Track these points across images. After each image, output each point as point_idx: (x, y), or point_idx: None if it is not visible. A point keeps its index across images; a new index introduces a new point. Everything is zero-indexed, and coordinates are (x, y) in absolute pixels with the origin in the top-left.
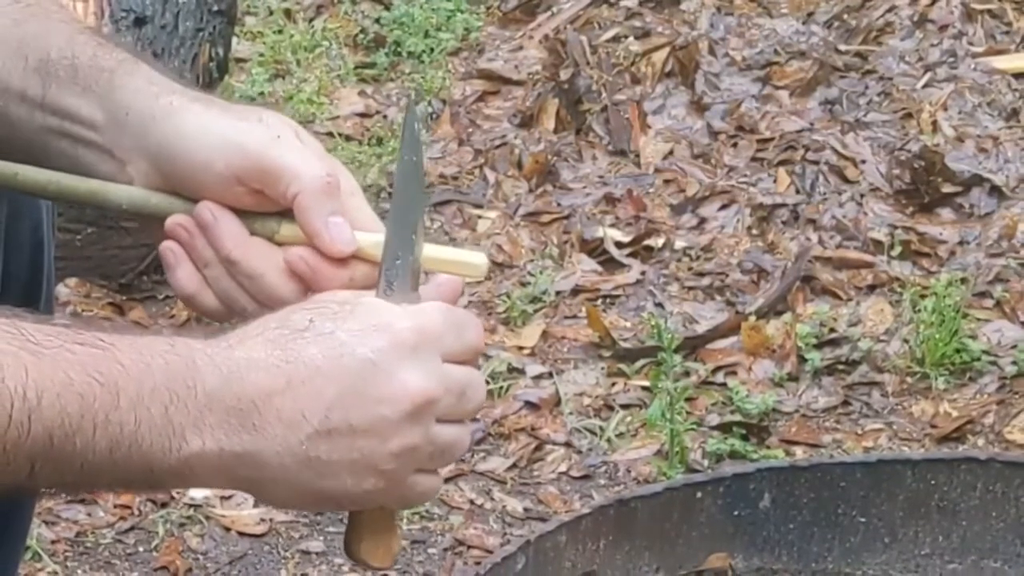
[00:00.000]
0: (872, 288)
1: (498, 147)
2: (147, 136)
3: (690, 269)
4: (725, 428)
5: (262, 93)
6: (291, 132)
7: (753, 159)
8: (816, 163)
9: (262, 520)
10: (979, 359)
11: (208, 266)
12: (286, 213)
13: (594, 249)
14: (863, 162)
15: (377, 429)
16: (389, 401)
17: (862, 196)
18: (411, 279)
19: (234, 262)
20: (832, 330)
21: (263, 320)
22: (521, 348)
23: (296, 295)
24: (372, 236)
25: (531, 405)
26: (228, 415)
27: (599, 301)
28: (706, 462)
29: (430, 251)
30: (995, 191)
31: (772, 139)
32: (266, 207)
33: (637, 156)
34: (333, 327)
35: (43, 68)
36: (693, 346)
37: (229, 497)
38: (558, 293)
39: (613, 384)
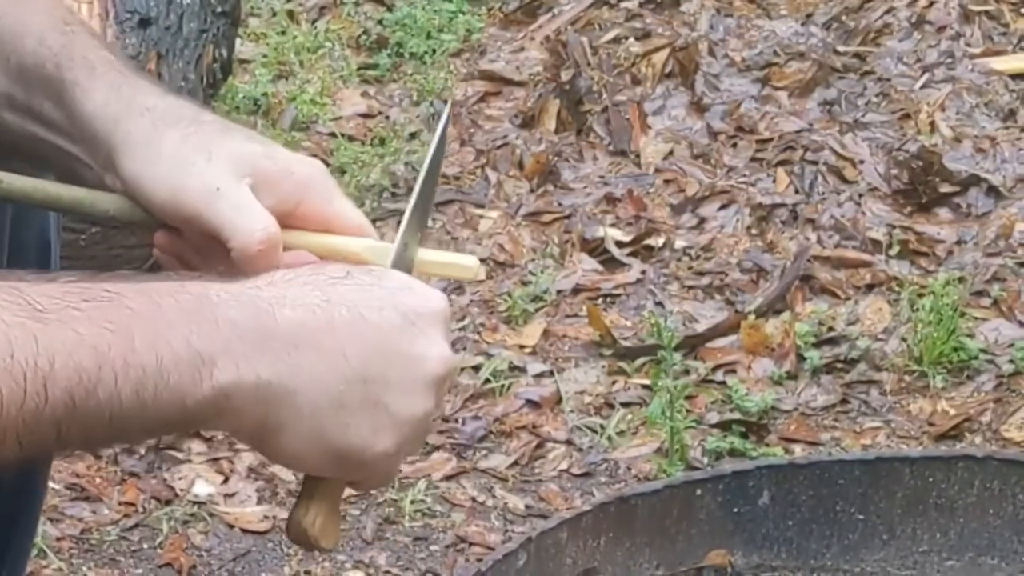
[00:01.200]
0: (870, 287)
1: (500, 147)
2: (111, 162)
3: (690, 268)
4: (725, 426)
5: (265, 94)
6: (237, 176)
7: (752, 159)
8: (815, 163)
9: (265, 517)
10: (976, 358)
11: (204, 271)
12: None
13: (595, 248)
14: (861, 162)
15: (410, 388)
16: (426, 362)
17: (860, 196)
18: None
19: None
20: (831, 329)
21: (290, 269)
22: (522, 347)
23: None
24: (347, 240)
25: (532, 403)
26: (260, 344)
27: (600, 300)
28: (706, 460)
29: (423, 255)
30: (992, 191)
31: (771, 139)
32: None
33: (637, 156)
34: (371, 280)
35: (23, 75)
36: (693, 345)
37: (233, 494)
38: (559, 292)
39: (614, 382)
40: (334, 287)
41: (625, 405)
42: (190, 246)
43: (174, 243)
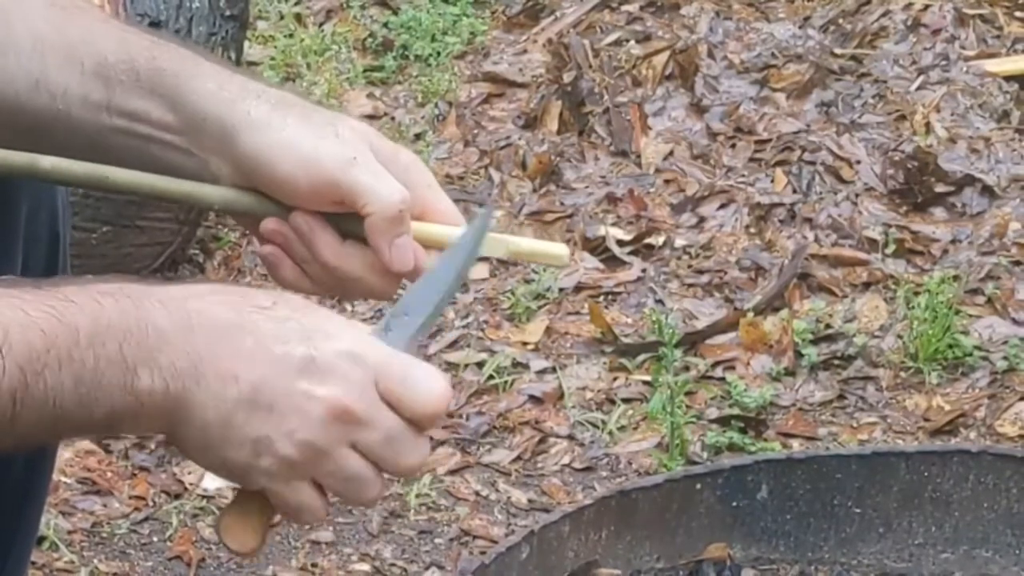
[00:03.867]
0: (867, 285)
1: (503, 148)
2: (227, 143)
3: (690, 267)
4: (724, 421)
5: None
6: (366, 148)
7: (751, 160)
8: (812, 163)
9: None
10: (971, 354)
11: (306, 262)
12: None
13: (596, 247)
14: (858, 162)
15: (292, 416)
16: (313, 399)
17: (857, 196)
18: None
19: (333, 268)
20: (828, 326)
21: (227, 286)
22: (525, 343)
23: (391, 290)
24: (443, 229)
25: (535, 399)
26: (175, 358)
27: (601, 298)
28: (705, 454)
29: (516, 243)
30: (986, 191)
31: (769, 140)
32: (349, 209)
33: (638, 157)
34: (290, 315)
35: (102, 72)
36: (693, 341)
37: None
38: (561, 290)
39: (615, 378)
40: (251, 316)
41: (626, 401)
42: (297, 232)
43: (281, 230)
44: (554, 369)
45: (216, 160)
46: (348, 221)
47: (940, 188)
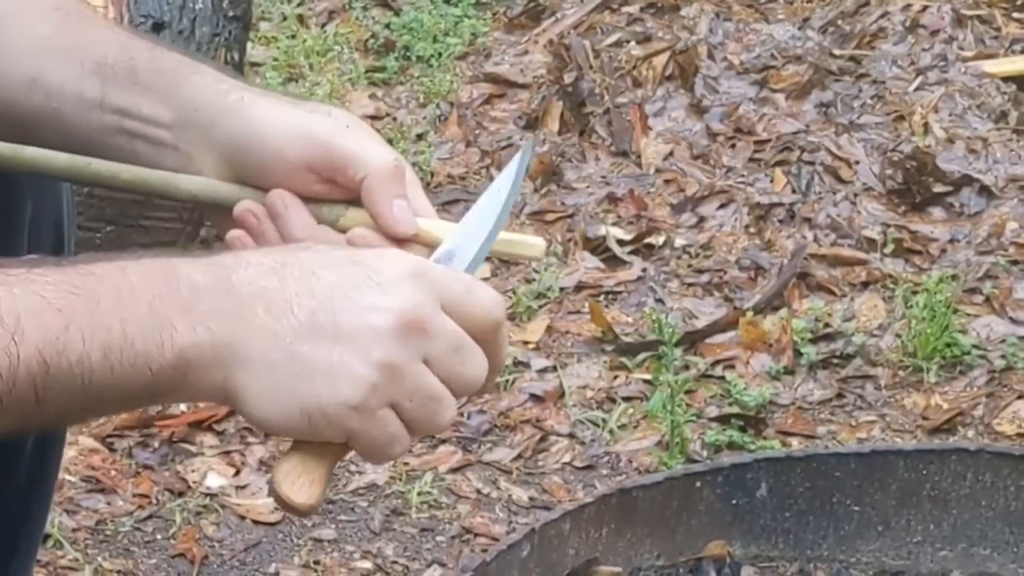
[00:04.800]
0: (866, 284)
1: (504, 148)
2: (217, 130)
3: (690, 266)
4: (723, 420)
5: None
6: (357, 123)
7: (751, 160)
8: (811, 164)
9: (276, 509)
10: (969, 353)
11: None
12: (352, 201)
13: (597, 247)
14: (857, 163)
15: (362, 335)
16: (379, 310)
17: (856, 196)
18: None
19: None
20: (827, 325)
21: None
22: (526, 342)
23: None
24: (432, 222)
25: (536, 398)
26: (216, 304)
27: (602, 297)
28: (705, 453)
29: None
30: (984, 191)
31: (769, 140)
32: (334, 195)
33: (638, 157)
34: (333, 249)
35: (100, 71)
36: (693, 340)
37: (244, 486)
38: (562, 289)
39: (615, 377)
40: (293, 252)
41: (626, 399)
42: (272, 212)
43: (254, 210)
44: (555, 368)
45: (201, 152)
46: (327, 208)
47: (938, 188)
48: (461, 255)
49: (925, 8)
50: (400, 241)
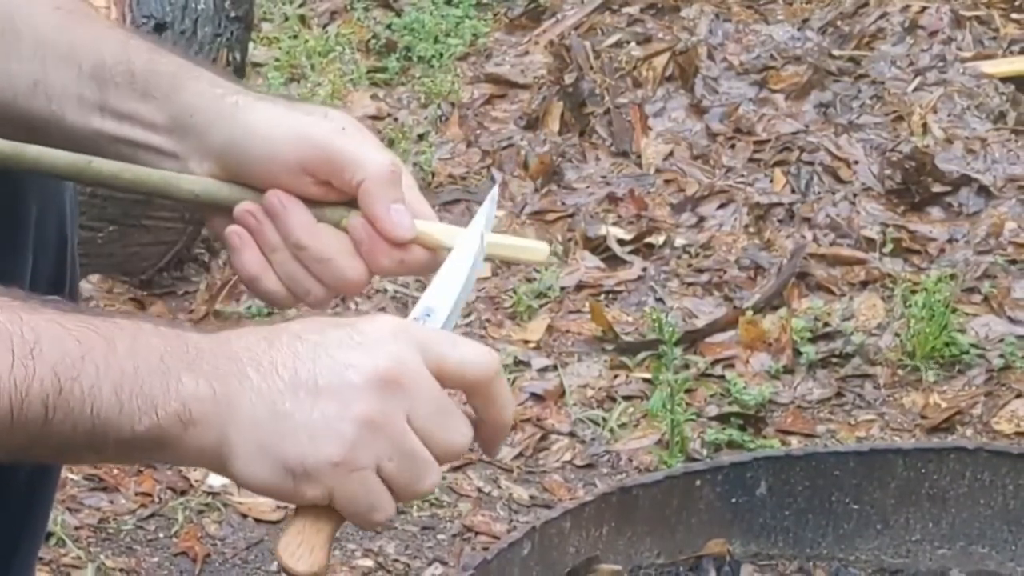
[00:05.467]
0: (865, 284)
1: (505, 148)
2: (213, 135)
3: (690, 266)
4: (723, 419)
5: None
6: (354, 125)
7: (750, 160)
8: (811, 164)
9: (277, 507)
10: (968, 352)
11: (275, 251)
12: (351, 203)
13: (597, 246)
14: (856, 163)
15: (341, 392)
16: (358, 367)
17: (855, 195)
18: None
19: (303, 247)
20: (826, 324)
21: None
22: (527, 342)
23: (363, 275)
24: (430, 224)
25: (537, 396)
26: (219, 365)
27: (602, 296)
28: (705, 451)
29: (495, 239)
30: (983, 191)
31: (768, 141)
32: (331, 198)
33: (638, 157)
34: (324, 319)
35: (99, 74)
36: (692, 340)
37: None
38: (563, 289)
39: (615, 376)
40: (286, 324)
41: (627, 398)
42: (271, 212)
43: (253, 211)
44: (555, 367)
45: (198, 159)
46: (329, 210)
47: (937, 188)
48: (440, 310)
49: (924, 9)
50: (399, 244)
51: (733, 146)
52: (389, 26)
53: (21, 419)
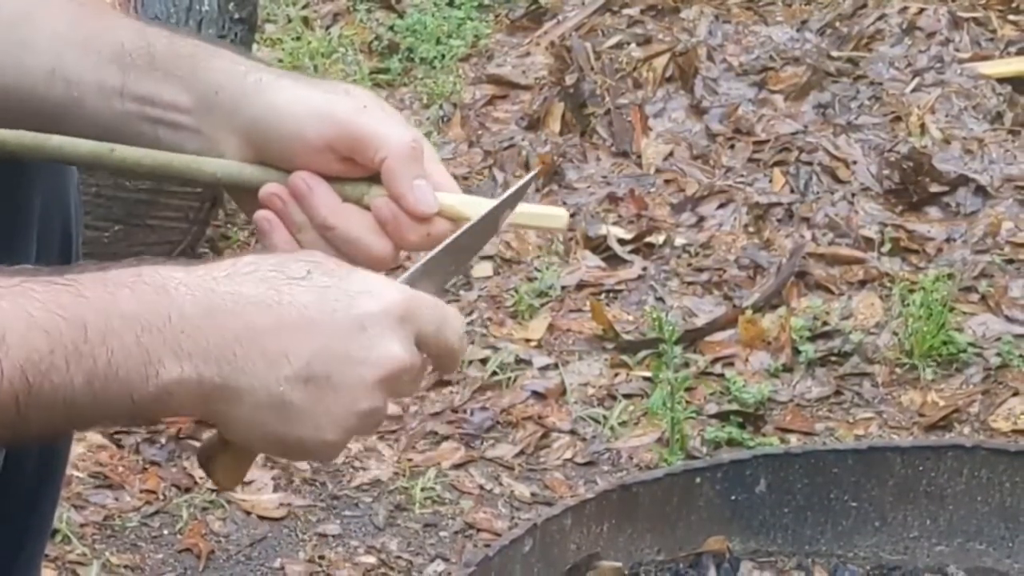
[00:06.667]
0: (863, 283)
1: (506, 148)
2: (238, 112)
3: (689, 265)
4: (723, 417)
5: None
6: (376, 102)
7: (750, 160)
8: (810, 164)
9: (281, 504)
10: (965, 351)
11: (302, 231)
12: (374, 178)
13: (598, 246)
14: (854, 163)
15: (351, 388)
16: (369, 365)
17: (853, 195)
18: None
19: (330, 227)
20: (825, 323)
21: (255, 258)
22: (528, 340)
23: (390, 253)
24: (453, 196)
25: (538, 395)
26: (208, 343)
27: (603, 295)
28: (705, 449)
29: (518, 207)
30: (980, 191)
31: (768, 141)
32: (354, 173)
33: (639, 157)
34: (329, 282)
35: (119, 59)
36: (692, 338)
37: (250, 483)
38: (564, 288)
39: (616, 375)
40: (290, 287)
41: (627, 396)
42: (296, 194)
43: (279, 193)
44: (556, 365)
45: (224, 135)
46: (350, 186)
47: (935, 188)
48: (415, 268)
49: (922, 10)
50: (424, 219)
51: (733, 146)
52: (391, 27)
53: None
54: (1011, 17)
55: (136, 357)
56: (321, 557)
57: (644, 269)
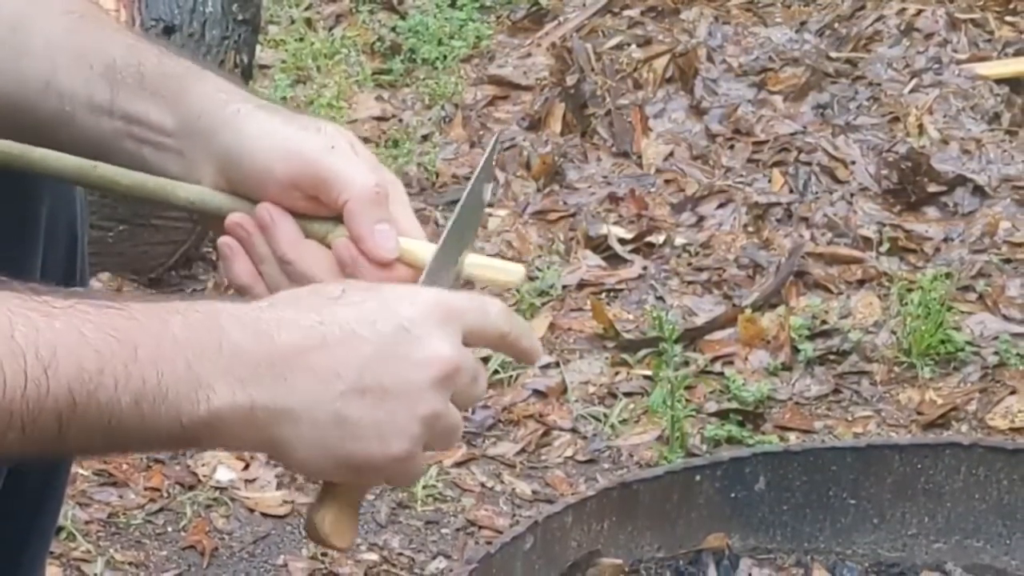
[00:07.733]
0: (862, 282)
1: (507, 149)
2: (214, 140)
3: (689, 264)
4: (723, 415)
5: (284, 98)
6: (346, 143)
7: (749, 160)
8: (809, 164)
9: (284, 502)
10: (963, 350)
11: (264, 262)
12: (339, 218)
13: (598, 245)
14: (853, 163)
15: (408, 392)
16: (421, 365)
17: (852, 195)
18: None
19: (288, 262)
20: (824, 322)
21: (292, 291)
22: None
23: None
24: (416, 243)
25: (539, 393)
26: (258, 369)
27: (603, 295)
28: (704, 447)
29: (471, 259)
30: (978, 191)
31: (767, 141)
32: (321, 212)
33: (639, 157)
34: (365, 296)
35: (109, 75)
36: (692, 337)
37: (253, 480)
38: (564, 287)
39: (616, 373)
40: (329, 308)
41: (627, 395)
42: (260, 224)
43: (243, 223)
44: (557, 364)
45: (202, 161)
46: (317, 224)
47: (933, 188)
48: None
49: (920, 12)
50: (382, 263)
51: (732, 147)
52: (394, 29)
53: (33, 435)
54: (1008, 18)
55: (187, 381)
56: (324, 554)
57: (644, 268)
